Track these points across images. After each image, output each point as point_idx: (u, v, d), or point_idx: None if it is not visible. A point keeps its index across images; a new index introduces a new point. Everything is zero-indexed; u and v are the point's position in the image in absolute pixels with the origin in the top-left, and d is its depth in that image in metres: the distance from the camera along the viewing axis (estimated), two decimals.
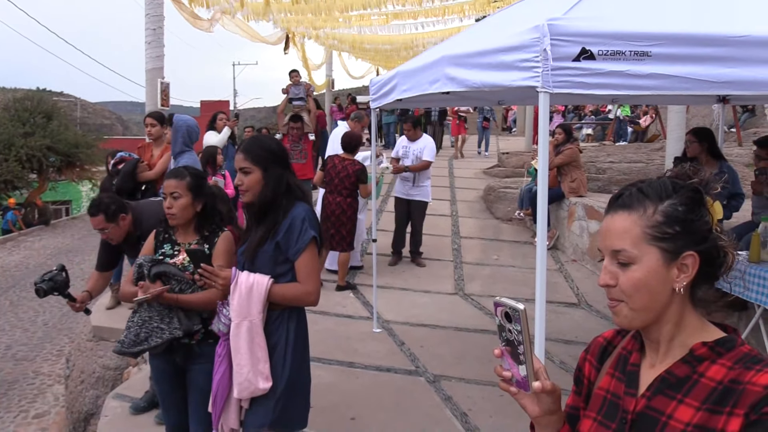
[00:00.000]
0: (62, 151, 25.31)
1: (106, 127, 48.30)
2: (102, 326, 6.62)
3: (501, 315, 1.31)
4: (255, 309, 2.71)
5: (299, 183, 2.92)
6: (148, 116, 6.65)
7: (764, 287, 4.16)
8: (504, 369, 1.35)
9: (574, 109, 22.77)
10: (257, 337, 2.72)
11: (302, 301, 2.80)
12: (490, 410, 4.45)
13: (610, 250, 1.31)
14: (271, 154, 2.83)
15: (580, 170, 8.93)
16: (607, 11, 3.20)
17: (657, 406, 1.28)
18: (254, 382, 2.72)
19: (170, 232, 3.25)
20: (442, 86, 3.84)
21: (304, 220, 2.75)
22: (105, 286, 4.02)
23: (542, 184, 3.21)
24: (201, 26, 11.45)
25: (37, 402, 9.37)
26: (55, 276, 3.45)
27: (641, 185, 1.33)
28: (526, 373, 1.30)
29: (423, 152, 8.10)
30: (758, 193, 5.63)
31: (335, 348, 5.54)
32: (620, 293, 1.30)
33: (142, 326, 3.16)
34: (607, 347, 1.47)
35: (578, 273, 7.95)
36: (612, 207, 1.34)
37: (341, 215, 7.05)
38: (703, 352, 1.27)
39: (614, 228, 1.31)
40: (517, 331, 1.29)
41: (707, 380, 1.24)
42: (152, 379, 3.96)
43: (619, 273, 1.30)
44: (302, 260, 2.75)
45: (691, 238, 1.27)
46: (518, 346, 1.30)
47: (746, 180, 7.13)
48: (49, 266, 3.80)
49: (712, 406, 1.20)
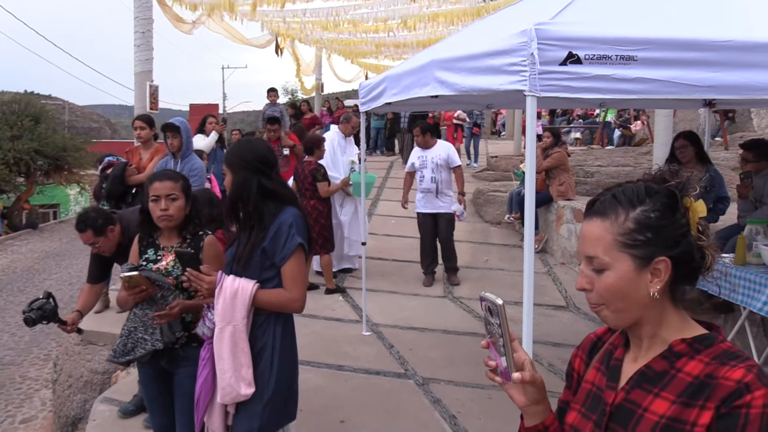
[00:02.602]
0: (50, 154, 25.13)
1: (95, 131, 48.07)
2: (90, 330, 6.56)
3: (485, 309, 1.37)
4: (239, 314, 2.68)
5: (280, 187, 2.85)
6: (137, 119, 6.64)
7: (750, 289, 4.19)
8: (490, 359, 1.40)
9: (563, 113, 22.89)
10: (241, 342, 2.70)
11: (287, 307, 2.79)
12: (478, 413, 4.47)
13: (584, 255, 1.35)
14: (240, 158, 2.81)
15: (568, 173, 8.97)
16: (593, 16, 3.23)
17: (634, 398, 1.32)
18: (236, 388, 2.70)
19: (154, 236, 3.22)
20: (431, 90, 3.85)
21: (291, 225, 2.72)
22: (97, 300, 3.97)
23: (530, 187, 3.23)
24: (182, 28, 11.45)
25: (25, 407, 9.30)
26: (44, 305, 3.42)
27: (616, 191, 1.35)
28: (506, 364, 1.35)
29: (448, 159, 7.45)
30: (743, 196, 5.68)
31: (324, 351, 5.53)
32: (598, 297, 1.34)
33: (128, 337, 3.17)
34: (597, 343, 1.52)
35: (566, 276, 7.99)
36: (587, 213, 1.37)
37: (307, 217, 7.01)
38: (682, 348, 1.30)
39: (588, 234, 1.34)
40: (497, 324, 1.34)
41: (684, 375, 1.27)
42: (140, 383, 3.95)
43: (594, 278, 1.33)
44: (288, 267, 2.72)
45: (663, 244, 1.29)
46: (499, 339, 1.34)
47: (732, 184, 7.19)
48: (37, 270, 3.77)
49: (686, 400, 1.23)
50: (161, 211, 3.08)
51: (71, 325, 3.56)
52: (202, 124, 9.55)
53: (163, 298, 3.11)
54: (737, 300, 4.34)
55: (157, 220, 3.12)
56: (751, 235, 4.52)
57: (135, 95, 9.11)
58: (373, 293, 6.84)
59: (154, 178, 3.19)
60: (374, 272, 7.74)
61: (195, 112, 31.00)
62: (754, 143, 5.69)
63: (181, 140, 5.76)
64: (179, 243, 3.18)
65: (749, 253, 4.46)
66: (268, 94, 13.33)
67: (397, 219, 10.39)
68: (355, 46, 17.72)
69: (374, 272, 7.74)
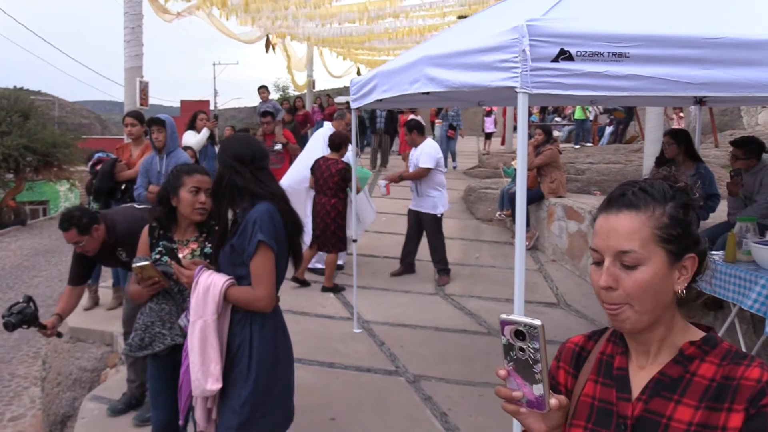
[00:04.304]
0: (40, 150, 24.92)
1: (85, 127, 47.75)
2: (79, 327, 6.55)
3: (510, 334, 1.23)
4: (209, 309, 2.68)
5: (253, 184, 2.78)
6: (127, 115, 6.58)
7: (740, 287, 4.21)
8: (513, 390, 1.27)
9: (554, 110, 22.92)
10: (210, 337, 2.68)
11: (252, 306, 2.73)
12: (469, 410, 4.47)
13: (615, 251, 1.26)
14: (219, 155, 2.88)
15: (559, 171, 8.99)
16: (585, 12, 3.22)
17: (655, 408, 1.27)
18: (203, 383, 2.69)
19: (170, 229, 3.18)
20: (422, 86, 3.84)
21: (255, 222, 2.68)
22: (78, 302, 3.93)
23: (521, 184, 3.22)
24: (164, 18, 11.38)
25: (13, 404, 9.24)
26: (24, 309, 3.39)
27: (643, 185, 1.30)
28: (543, 392, 1.23)
29: (420, 158, 7.44)
30: (734, 193, 5.70)
31: (315, 348, 5.52)
32: (623, 296, 1.25)
33: (145, 331, 3.17)
34: (580, 353, 1.44)
35: (557, 273, 8.00)
36: (614, 205, 1.29)
37: (325, 216, 7.02)
38: (692, 351, 1.28)
39: (621, 228, 1.26)
40: (534, 349, 1.22)
41: (700, 378, 1.25)
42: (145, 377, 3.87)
43: (621, 275, 1.26)
44: (253, 265, 2.70)
45: (691, 240, 1.28)
46: (535, 365, 1.23)
47: (722, 181, 7.21)
48: (27, 267, 3.73)
49: (711, 404, 1.21)
50: (201, 204, 3.07)
51: (51, 329, 3.53)
52: (192, 120, 9.47)
53: (180, 292, 3.10)
54: (728, 297, 4.35)
55: (192, 212, 3.09)
56: (741, 233, 4.54)
57: (125, 91, 9.04)
58: (364, 290, 6.83)
59: (194, 170, 3.15)
60: (365, 269, 7.73)
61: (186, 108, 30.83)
62: (743, 141, 5.70)
63: (166, 135, 5.70)
64: (196, 237, 3.18)
65: (739, 251, 4.47)
66: (259, 91, 13.24)
67: (389, 216, 10.38)
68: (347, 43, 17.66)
69: (365, 269, 7.73)
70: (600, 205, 1.34)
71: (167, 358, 3.20)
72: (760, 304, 3.98)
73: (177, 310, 3.14)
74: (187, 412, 2.95)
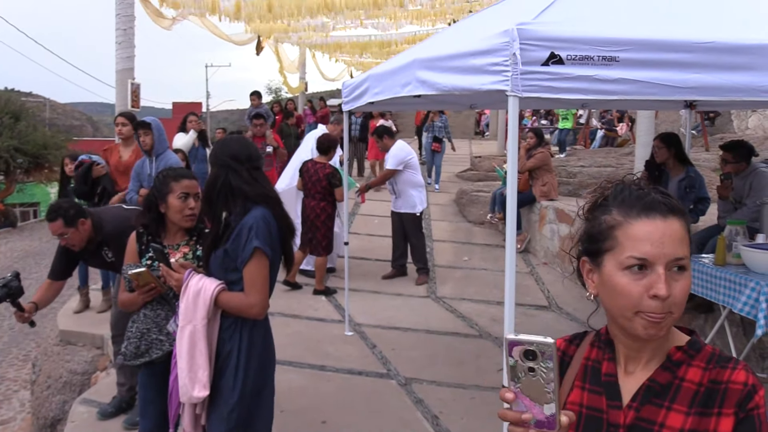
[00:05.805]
0: (30, 152, 24.79)
1: (76, 128, 47.63)
2: (69, 330, 6.53)
3: (519, 354, 1.17)
4: (199, 314, 2.65)
5: (245, 184, 2.74)
6: (119, 116, 6.58)
7: (730, 290, 4.22)
8: (521, 412, 1.19)
9: (546, 114, 22.99)
10: (199, 342, 2.66)
11: (245, 312, 2.70)
12: (461, 412, 4.47)
13: (671, 258, 1.22)
14: (213, 155, 2.85)
15: (551, 174, 9.02)
16: (576, 16, 3.23)
17: (647, 416, 1.26)
18: (190, 389, 2.66)
19: (159, 235, 3.13)
20: (413, 89, 3.84)
21: (251, 228, 2.65)
22: (54, 297, 3.88)
23: (511, 187, 3.23)
24: (162, 24, 11.37)
25: (3, 408, 9.18)
26: (9, 282, 3.37)
27: (662, 190, 1.29)
28: (554, 412, 1.17)
29: (387, 161, 7.70)
30: (724, 197, 5.73)
31: (306, 351, 5.51)
32: (672, 304, 1.22)
33: (141, 338, 3.10)
34: (562, 358, 1.40)
35: (549, 276, 8.01)
36: (658, 211, 1.24)
37: (315, 219, 7.02)
38: (679, 356, 1.28)
39: (674, 234, 1.23)
40: (547, 368, 1.16)
41: (688, 384, 1.25)
42: (135, 381, 3.85)
43: (671, 283, 1.22)
44: (247, 271, 2.66)
45: None
46: (547, 384, 1.16)
47: (712, 185, 7.24)
48: (17, 269, 3.70)
49: (700, 409, 1.22)
50: (190, 209, 3.04)
51: (28, 313, 3.50)
52: (183, 122, 9.48)
53: (175, 296, 3.06)
54: (718, 300, 4.37)
55: (182, 219, 3.06)
56: (731, 236, 4.56)
57: (116, 93, 9.02)
58: (355, 293, 6.82)
59: (180, 175, 3.10)
60: (357, 272, 7.72)
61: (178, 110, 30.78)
62: (733, 144, 5.74)
63: (153, 137, 5.70)
64: (186, 240, 3.14)
65: (729, 254, 4.49)
66: (251, 98, 13.10)
67: (380, 219, 10.38)
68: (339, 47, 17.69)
69: (357, 272, 7.72)
70: (620, 210, 1.28)
71: (162, 365, 3.13)
72: (750, 307, 4.00)
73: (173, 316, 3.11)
74: (176, 420, 2.92)
